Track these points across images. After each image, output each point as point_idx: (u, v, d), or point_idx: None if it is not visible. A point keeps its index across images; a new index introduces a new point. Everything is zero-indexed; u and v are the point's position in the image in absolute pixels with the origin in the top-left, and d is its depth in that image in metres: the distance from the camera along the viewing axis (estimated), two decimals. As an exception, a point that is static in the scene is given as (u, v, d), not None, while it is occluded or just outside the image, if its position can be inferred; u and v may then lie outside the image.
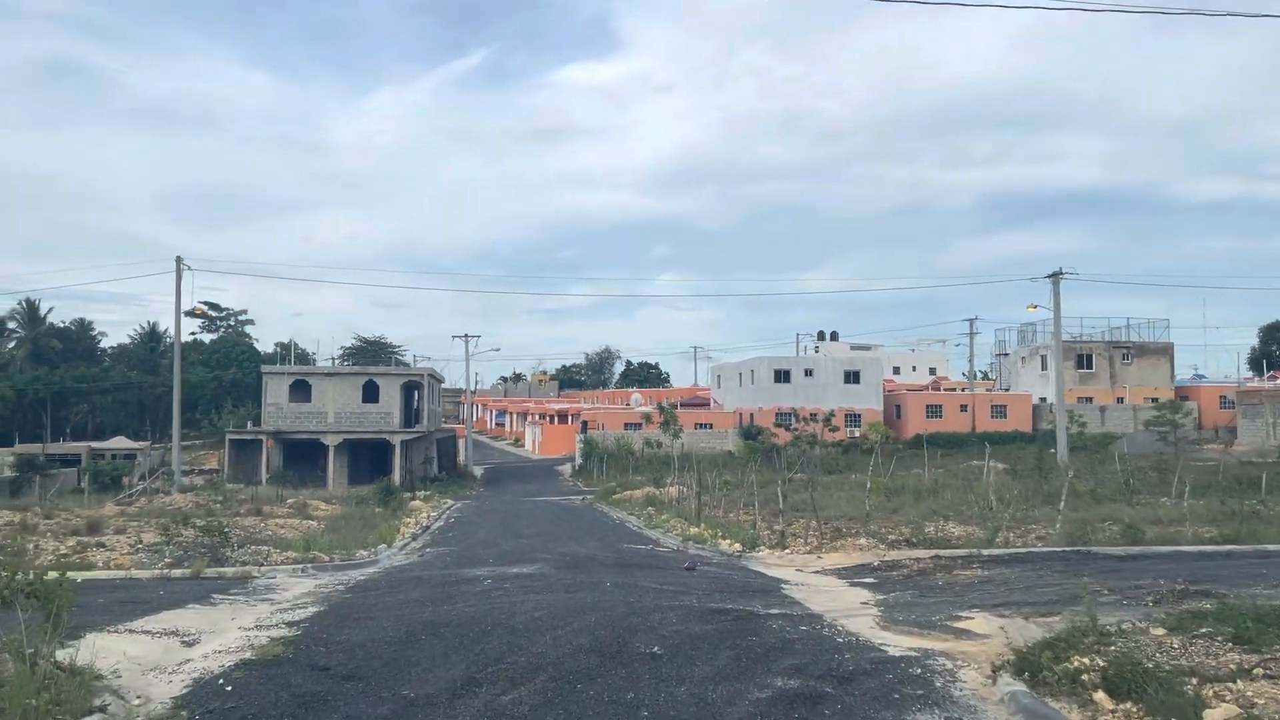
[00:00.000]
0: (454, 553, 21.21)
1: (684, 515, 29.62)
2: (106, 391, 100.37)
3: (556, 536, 24.36)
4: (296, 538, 24.36)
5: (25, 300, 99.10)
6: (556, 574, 16.11)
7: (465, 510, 36.84)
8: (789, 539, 21.10)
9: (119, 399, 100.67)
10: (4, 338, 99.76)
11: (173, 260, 46.68)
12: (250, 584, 16.51)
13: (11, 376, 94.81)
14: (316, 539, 20.64)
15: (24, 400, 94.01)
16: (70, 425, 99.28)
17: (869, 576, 16.44)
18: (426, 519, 31.71)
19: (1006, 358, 74.57)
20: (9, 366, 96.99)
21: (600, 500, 41.54)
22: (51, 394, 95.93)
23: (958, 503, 27.67)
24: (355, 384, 54.53)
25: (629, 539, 24.46)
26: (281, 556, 19.08)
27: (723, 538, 23.15)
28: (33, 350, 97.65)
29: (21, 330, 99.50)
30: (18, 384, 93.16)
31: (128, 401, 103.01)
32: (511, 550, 20.37)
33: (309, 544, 20.06)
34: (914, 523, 22.62)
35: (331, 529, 27.28)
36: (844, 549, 19.02)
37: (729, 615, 12.31)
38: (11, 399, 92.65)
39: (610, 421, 68.89)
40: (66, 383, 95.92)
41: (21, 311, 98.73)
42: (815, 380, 66.64)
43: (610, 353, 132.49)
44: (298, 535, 25.06)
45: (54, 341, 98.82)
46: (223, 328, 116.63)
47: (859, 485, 35.35)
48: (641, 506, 35.14)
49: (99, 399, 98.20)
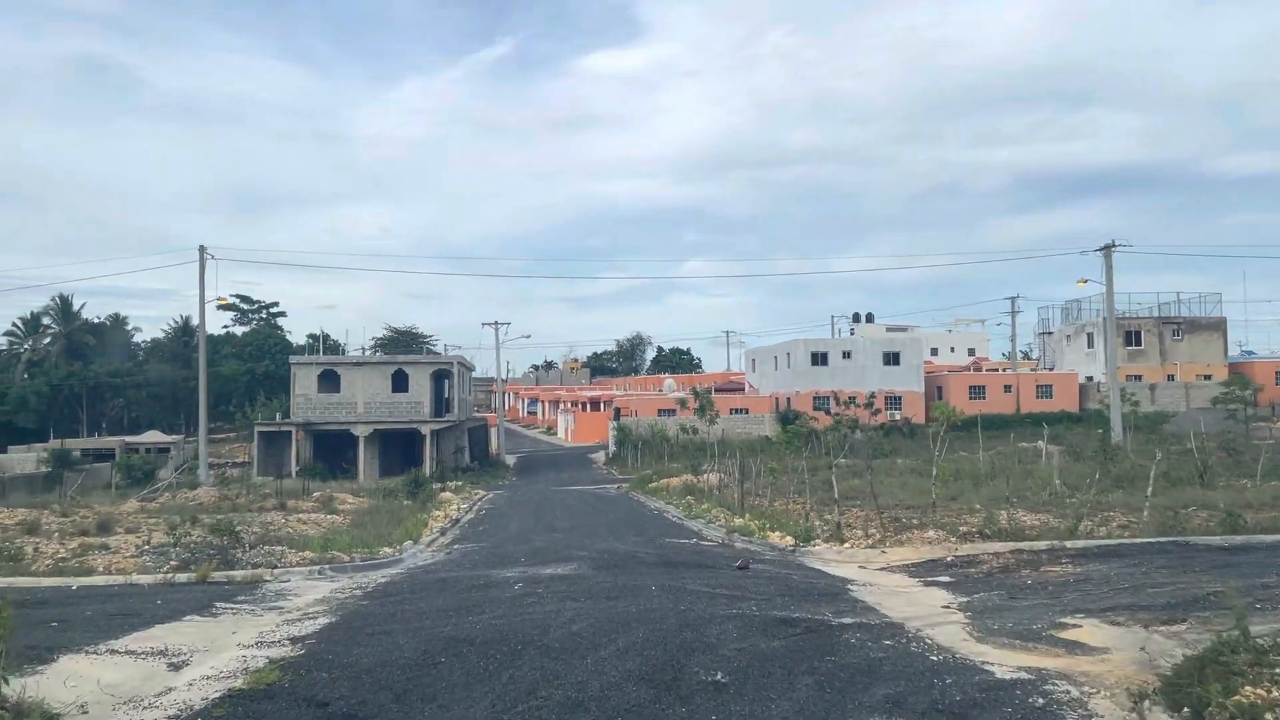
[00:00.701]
0: (483, 549, 19.60)
1: (726, 505, 27.88)
2: (140, 386, 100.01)
3: (593, 530, 22.70)
4: (317, 535, 22.88)
5: (59, 296, 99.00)
6: (594, 575, 14.42)
7: (497, 501, 35.31)
8: (846, 531, 19.29)
9: (153, 393, 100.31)
10: (39, 334, 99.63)
11: (196, 251, 45.46)
12: (260, 589, 14.98)
13: (47, 372, 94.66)
14: (336, 537, 19.11)
15: (59, 396, 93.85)
16: (105, 420, 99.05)
17: (944, 574, 14.61)
18: (456, 511, 30.19)
19: (1050, 336, 71.94)
20: (44, 363, 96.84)
21: (636, 489, 39.90)
22: (86, 389, 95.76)
23: (1020, 488, 25.68)
24: (384, 373, 53.16)
25: (670, 532, 22.74)
26: (298, 557, 17.55)
27: (772, 530, 21.38)
28: (67, 346, 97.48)
29: (56, 326, 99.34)
30: (53, 379, 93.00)
31: (161, 395, 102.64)
32: (545, 547, 18.72)
33: (328, 543, 18.52)
34: (983, 511, 20.72)
35: (356, 524, 25.81)
36: (910, 542, 17.19)
37: (798, 627, 10.56)
38: (47, 395, 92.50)
39: (643, 408, 67.19)
40: (101, 378, 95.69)
41: (55, 308, 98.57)
42: (854, 362, 64.50)
43: (641, 339, 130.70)
44: (320, 532, 23.60)
45: (88, 337, 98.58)
46: (255, 320, 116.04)
47: (910, 471, 33.46)
48: (680, 495, 33.45)
49: (133, 393, 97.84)
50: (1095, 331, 65.57)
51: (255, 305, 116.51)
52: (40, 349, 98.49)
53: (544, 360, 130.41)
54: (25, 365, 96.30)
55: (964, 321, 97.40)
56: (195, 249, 45.96)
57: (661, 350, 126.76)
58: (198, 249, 44.90)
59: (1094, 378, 65.24)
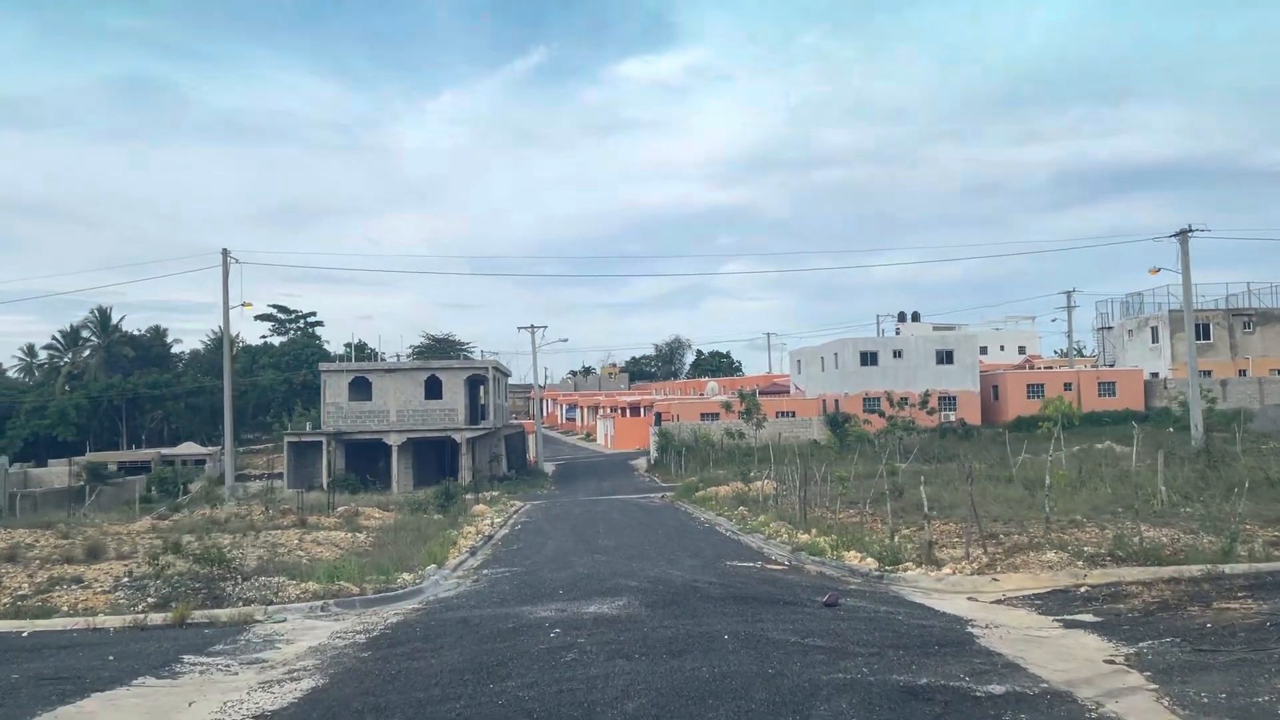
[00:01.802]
0: (516, 576, 16.80)
1: (785, 518, 24.91)
2: (179, 397, 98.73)
3: (641, 549, 19.83)
4: (332, 558, 20.22)
5: (97, 309, 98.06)
6: (649, 617, 11.56)
7: (534, 514, 32.57)
8: (938, 551, 16.28)
9: (191, 404, 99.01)
10: (78, 347, 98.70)
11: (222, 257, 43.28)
12: (246, 634, 12.30)
13: (86, 385, 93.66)
14: (345, 564, 16.36)
15: (99, 408, 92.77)
16: (145, 432, 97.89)
17: (1085, 612, 11.59)
18: (490, 527, 27.47)
19: (1110, 331, 68.01)
20: (84, 375, 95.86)
21: (682, 498, 36.99)
22: (125, 401, 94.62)
23: (1121, 496, 22.47)
24: (417, 380, 50.69)
25: (728, 551, 19.80)
26: (299, 590, 14.85)
27: (846, 549, 18.41)
28: (106, 358, 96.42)
29: (95, 339, 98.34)
30: (91, 392, 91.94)
31: (200, 407, 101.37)
32: (587, 574, 15.88)
33: (336, 571, 15.80)
34: (1091, 524, 17.60)
35: (379, 543, 23.17)
36: (1025, 567, 14.11)
37: (933, 701, 7.65)
38: (86, 407, 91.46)
39: (685, 412, 64.27)
40: (140, 389, 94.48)
41: (94, 320, 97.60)
42: (904, 362, 61.13)
43: (680, 342, 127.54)
44: (337, 554, 20.95)
45: (126, 349, 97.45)
46: (292, 331, 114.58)
47: (987, 477, 30.25)
48: (731, 506, 30.52)
49: (172, 405, 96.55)
50: (1160, 325, 61.68)
51: (292, 315, 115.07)
52: (80, 362, 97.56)
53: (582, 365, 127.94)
54: (65, 379, 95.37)
55: (1014, 319, 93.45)
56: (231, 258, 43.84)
57: (701, 354, 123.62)
58: (221, 253, 42.71)
59: (1159, 374, 61.35)
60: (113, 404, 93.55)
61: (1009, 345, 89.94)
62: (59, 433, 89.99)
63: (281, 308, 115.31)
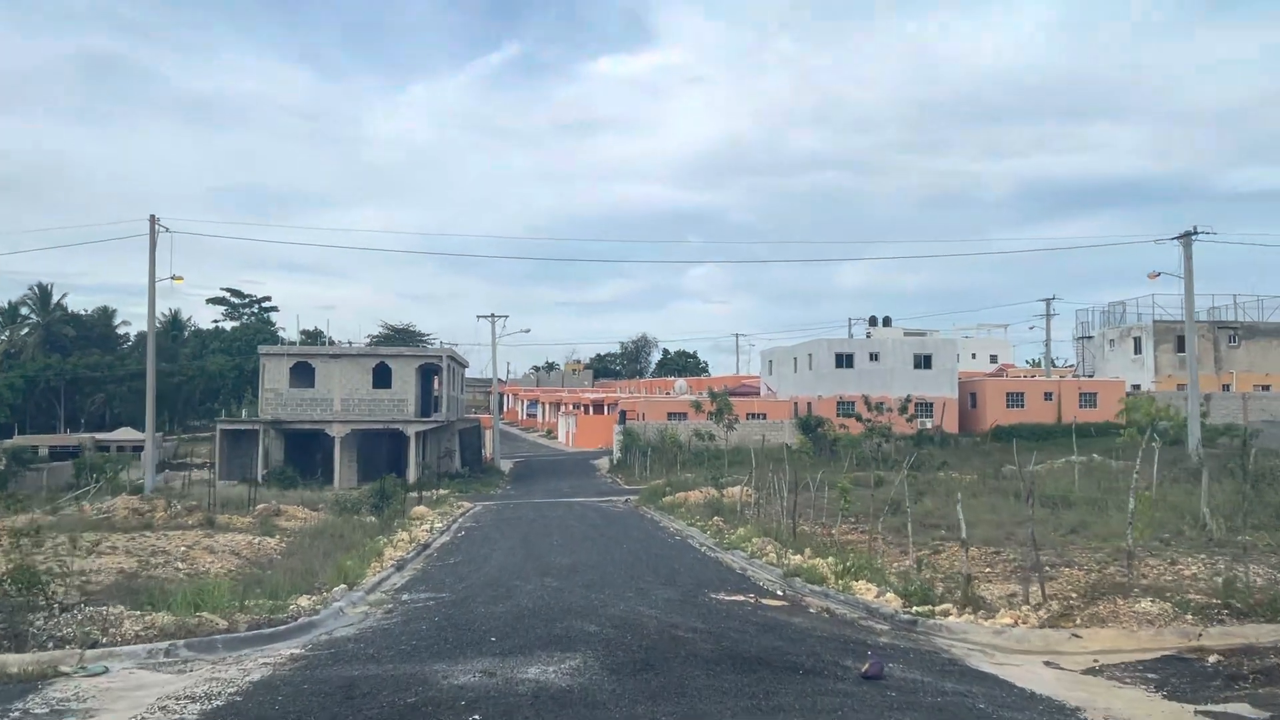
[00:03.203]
0: (442, 607, 12.97)
1: (770, 532, 21.30)
2: (122, 380, 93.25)
3: (602, 571, 16.06)
4: (222, 571, 16.30)
5: (37, 285, 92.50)
6: (614, 692, 7.82)
7: (483, 518, 28.72)
8: (981, 587, 12.72)
9: (135, 388, 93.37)
10: (16, 324, 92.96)
11: (149, 224, 38.94)
12: (34, 697, 8.43)
13: (23, 364, 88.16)
14: (212, 589, 12.36)
15: (35, 389, 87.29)
16: (85, 416, 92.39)
17: (1233, 697, 8.03)
18: (428, 533, 23.57)
19: (1090, 341, 65.31)
20: (20, 354, 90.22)
21: (648, 503, 33.32)
22: (64, 383, 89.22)
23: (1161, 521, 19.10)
24: (364, 367, 46.54)
25: (709, 576, 16.09)
26: (141, 625, 10.94)
27: (853, 577, 14.84)
28: (45, 337, 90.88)
29: (34, 316, 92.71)
30: (28, 372, 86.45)
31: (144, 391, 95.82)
32: (532, 608, 12.10)
33: (200, 597, 11.87)
34: (1162, 555, 14.15)
35: (291, 551, 19.26)
36: (1115, 619, 10.51)
37: None
38: (21, 387, 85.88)
39: (651, 411, 60.61)
40: (79, 370, 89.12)
41: (34, 297, 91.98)
42: (881, 365, 57.89)
43: (647, 341, 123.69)
44: (232, 565, 17.04)
45: (67, 328, 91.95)
46: (246, 315, 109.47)
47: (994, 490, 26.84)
48: (704, 515, 26.89)
49: (114, 388, 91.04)
50: (1144, 336, 59.00)
51: (246, 299, 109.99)
52: (17, 340, 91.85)
53: (546, 361, 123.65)
54: (1, 358, 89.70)
55: (986, 326, 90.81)
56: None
57: (667, 353, 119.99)
58: (148, 219, 38.39)
59: (1141, 386, 58.65)
60: (50, 385, 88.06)
61: (981, 353, 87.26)
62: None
63: (235, 291, 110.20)
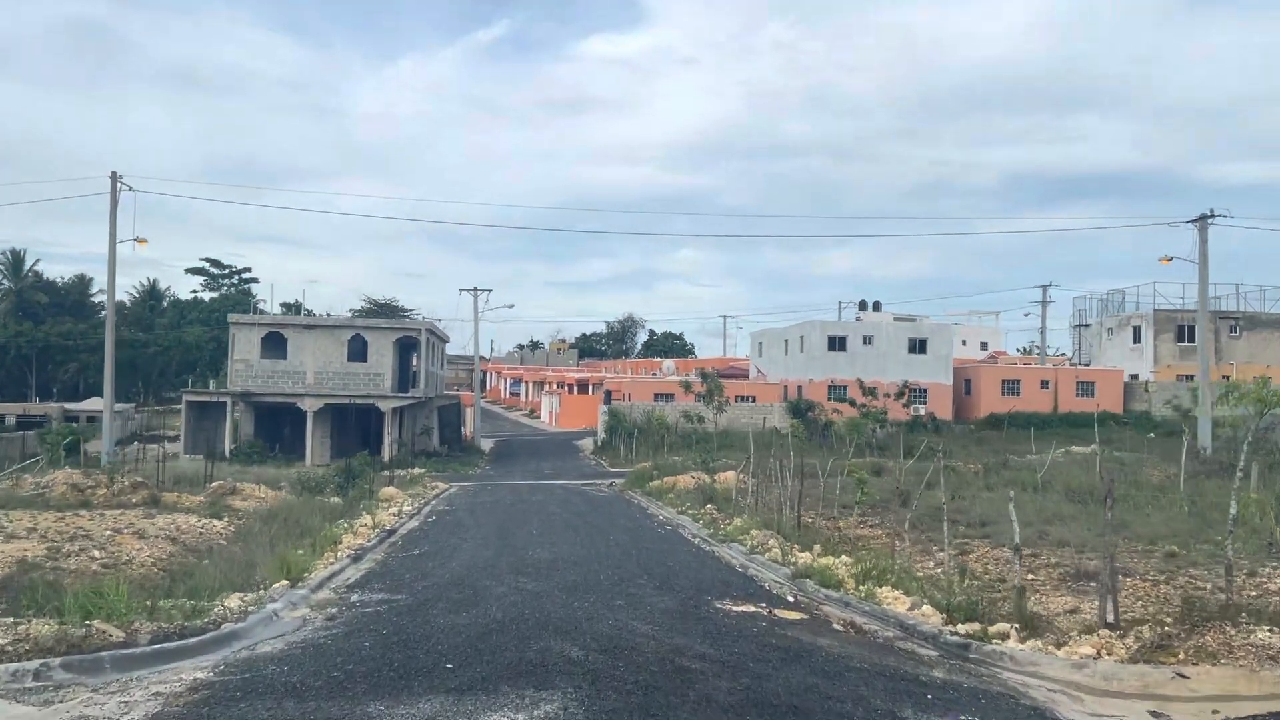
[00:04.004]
0: (394, 614, 10.75)
1: (770, 524, 19.19)
2: (95, 349, 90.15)
3: (587, 568, 13.88)
4: (148, 561, 14.09)
5: (9, 252, 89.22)
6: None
7: (457, 501, 26.51)
8: (1038, 602, 10.62)
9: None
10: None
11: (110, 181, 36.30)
12: None
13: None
14: (110, 593, 10.03)
15: (6, 357, 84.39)
16: (59, 385, 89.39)
17: None
18: (395, 517, 21.34)
19: (1087, 329, 63.50)
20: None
21: (634, 488, 31.20)
22: (36, 351, 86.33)
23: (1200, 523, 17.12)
24: (339, 339, 44.12)
25: (709, 576, 13.94)
26: (8, 639, 8.68)
27: (875, 581, 12.75)
28: (17, 303, 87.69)
29: (6, 283, 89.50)
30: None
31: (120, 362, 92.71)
32: (502, 619, 9.91)
33: (93, 603, 9.58)
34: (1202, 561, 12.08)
35: (238, 536, 17.03)
36: (1227, 654, 8.42)
37: None
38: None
39: (638, 391, 58.44)
40: (52, 339, 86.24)
41: (5, 263, 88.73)
42: (874, 349, 55.86)
43: (634, 321, 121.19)
44: (164, 554, 14.80)
45: (40, 295, 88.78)
46: (226, 286, 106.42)
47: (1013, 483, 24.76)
48: (695, 502, 24.79)
49: (87, 357, 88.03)
50: (1144, 325, 57.19)
51: (226, 270, 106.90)
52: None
53: (530, 340, 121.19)
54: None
55: (977, 313, 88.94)
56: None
57: (654, 334, 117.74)
58: (109, 176, 35.77)
59: (1139, 375, 56.91)
60: (22, 353, 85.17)
61: (971, 340, 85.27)
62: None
63: (215, 261, 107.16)
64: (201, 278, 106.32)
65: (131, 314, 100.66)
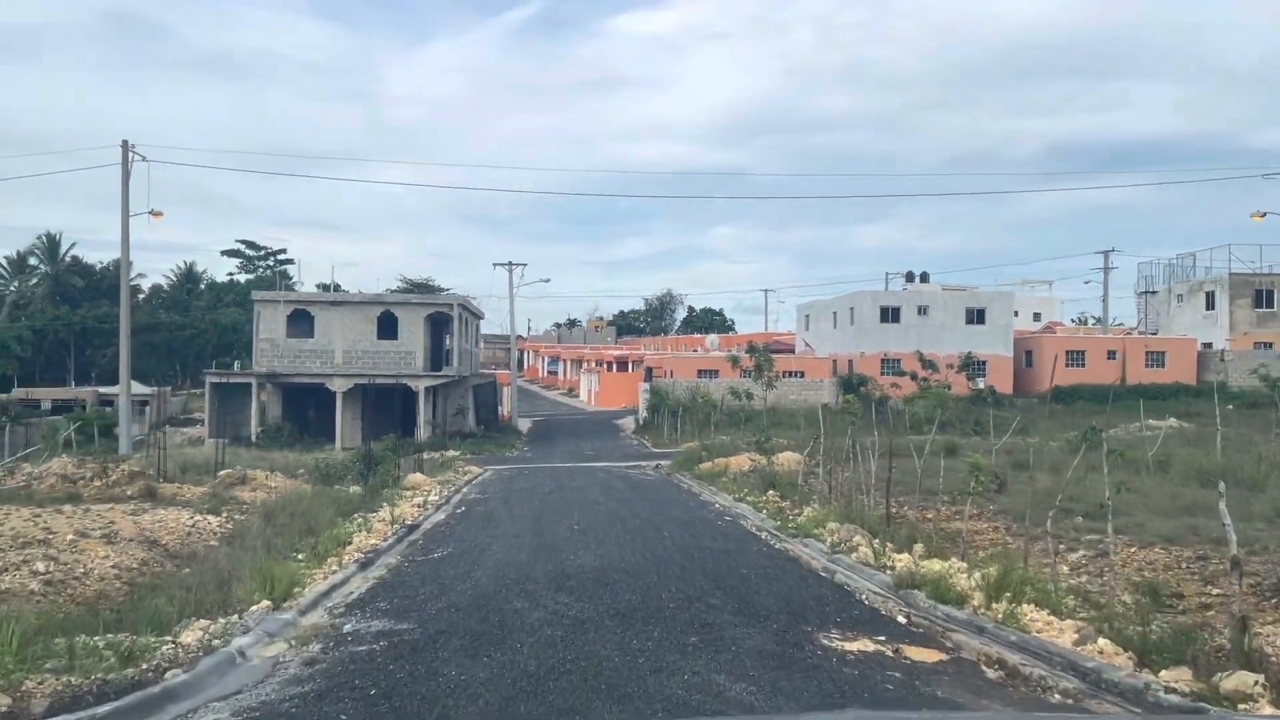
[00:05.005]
0: (391, 662, 7.95)
1: (850, 515, 16.28)
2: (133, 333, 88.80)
3: (642, 581, 11.04)
4: (105, 574, 11.56)
5: (45, 235, 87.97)
6: None
7: (491, 488, 23.87)
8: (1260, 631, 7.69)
9: (146, 341, 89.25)
10: (24, 274, 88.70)
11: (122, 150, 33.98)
12: None
13: (31, 316, 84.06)
14: (4, 635, 7.41)
15: (44, 341, 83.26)
16: (97, 369, 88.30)
17: None
18: (419, 509, 18.70)
19: (1154, 296, 59.52)
20: (29, 305, 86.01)
21: (681, 470, 28.39)
22: (74, 335, 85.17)
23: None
24: (368, 315, 41.67)
25: (794, 587, 11.05)
26: None
27: (1013, 597, 9.85)
28: (54, 288, 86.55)
29: (43, 266, 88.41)
30: (36, 323, 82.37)
31: (156, 344, 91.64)
32: (537, 668, 7.11)
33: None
34: None
35: (230, 538, 14.46)
36: None
37: None
38: (30, 339, 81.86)
39: (680, 368, 55.55)
40: (89, 322, 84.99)
41: (41, 246, 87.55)
42: (930, 320, 52.50)
43: (672, 297, 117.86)
44: (133, 563, 12.28)
45: (75, 279, 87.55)
46: (261, 268, 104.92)
47: (1144, 467, 21.57)
48: (754, 487, 21.98)
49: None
50: (1218, 290, 53.21)
51: (261, 252, 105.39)
52: (26, 290, 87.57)
53: (567, 318, 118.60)
54: (9, 309, 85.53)
55: (1029, 283, 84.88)
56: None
57: (693, 310, 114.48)
58: (120, 145, 33.43)
59: (1214, 344, 52.98)
60: (60, 337, 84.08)
61: (1024, 311, 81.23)
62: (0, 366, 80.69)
63: (250, 243, 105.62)
64: (237, 260, 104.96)
65: (169, 297, 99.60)
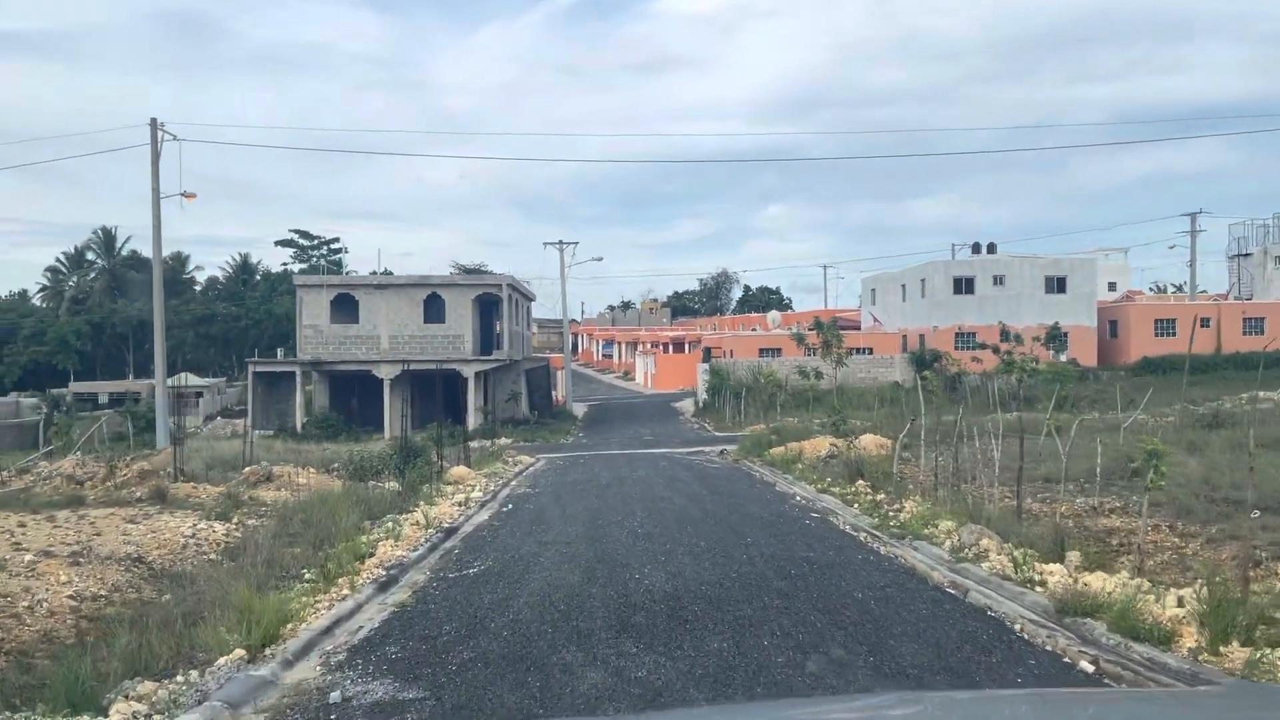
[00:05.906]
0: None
1: (968, 512, 13.46)
2: (189, 325, 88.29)
3: (731, 614, 8.40)
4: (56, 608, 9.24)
5: (101, 229, 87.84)
6: None
7: (542, 482, 21.41)
8: None
9: (203, 333, 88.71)
10: (82, 269, 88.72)
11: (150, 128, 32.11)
12: None
13: (89, 310, 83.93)
14: None
15: (102, 335, 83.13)
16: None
17: None
18: (458, 510, 16.26)
19: (1248, 259, 55.09)
20: (87, 300, 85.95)
21: (750, 456, 25.64)
22: (132, 329, 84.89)
23: None
24: (414, 298, 39.52)
25: (931, 620, 8.30)
26: None
27: (1249, 642, 7.04)
28: (111, 282, 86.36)
29: (100, 261, 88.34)
30: (94, 318, 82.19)
31: (213, 336, 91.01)
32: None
33: None
34: None
35: (233, 551, 12.17)
36: None
37: None
38: (89, 334, 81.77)
39: (739, 347, 52.73)
40: (146, 315, 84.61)
41: (98, 241, 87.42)
42: (1007, 290, 48.92)
43: (728, 276, 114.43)
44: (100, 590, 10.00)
45: (131, 272, 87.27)
46: (315, 257, 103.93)
47: (1259, 445, 18.35)
48: (837, 476, 19.18)
49: (181, 333, 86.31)
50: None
51: (315, 241, 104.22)
52: (84, 285, 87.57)
53: (621, 300, 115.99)
54: (69, 303, 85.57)
55: (1102, 251, 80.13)
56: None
57: (748, 289, 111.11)
58: (149, 123, 31.56)
59: (1318, 309, 48.71)
60: (117, 331, 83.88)
61: (1099, 280, 76.84)
62: (60, 360, 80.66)
63: (303, 233, 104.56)
64: (291, 250, 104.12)
65: (225, 289, 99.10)
